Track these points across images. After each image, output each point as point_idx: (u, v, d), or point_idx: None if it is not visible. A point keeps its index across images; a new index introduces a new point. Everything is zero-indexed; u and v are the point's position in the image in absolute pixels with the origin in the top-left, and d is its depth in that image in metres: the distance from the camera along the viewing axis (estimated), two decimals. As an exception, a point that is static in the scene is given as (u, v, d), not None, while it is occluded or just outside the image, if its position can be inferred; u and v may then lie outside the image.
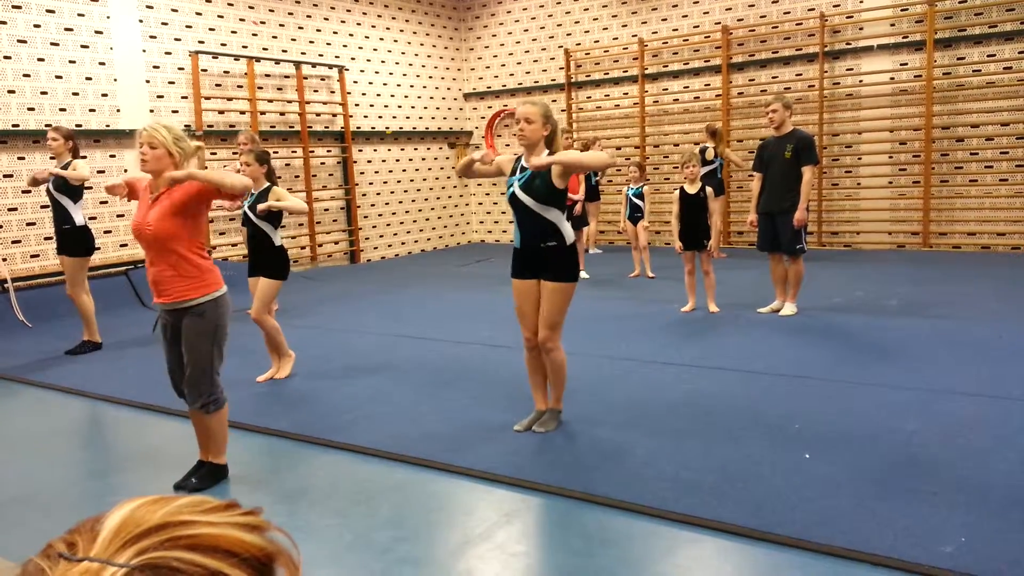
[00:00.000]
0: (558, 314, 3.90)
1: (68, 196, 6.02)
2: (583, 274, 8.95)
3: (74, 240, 6.06)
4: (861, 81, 10.11)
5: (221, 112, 9.61)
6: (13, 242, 7.81)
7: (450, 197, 13.18)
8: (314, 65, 10.64)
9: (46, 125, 8.13)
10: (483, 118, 13.15)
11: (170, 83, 9.07)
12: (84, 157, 6.29)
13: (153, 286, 3.39)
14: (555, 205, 3.79)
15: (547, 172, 3.73)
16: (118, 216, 8.55)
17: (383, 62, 11.77)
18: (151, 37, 8.86)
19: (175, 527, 0.52)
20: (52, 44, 8.00)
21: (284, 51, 10.31)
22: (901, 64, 9.86)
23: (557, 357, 4.00)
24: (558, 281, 3.84)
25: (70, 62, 8.15)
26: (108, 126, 8.42)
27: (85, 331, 6.24)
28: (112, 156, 8.48)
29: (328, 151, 11.02)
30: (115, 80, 8.53)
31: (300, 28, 10.52)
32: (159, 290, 3.38)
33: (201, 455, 3.66)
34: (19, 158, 7.84)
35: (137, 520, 0.53)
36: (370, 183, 11.61)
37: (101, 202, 8.50)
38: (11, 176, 7.79)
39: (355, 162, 11.31)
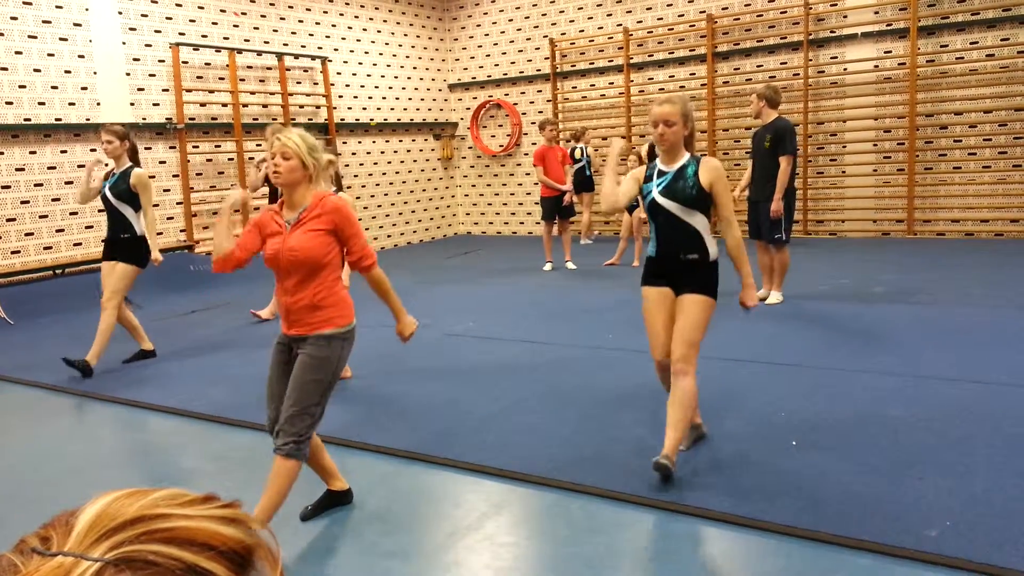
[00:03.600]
0: (697, 329, 3.38)
1: (129, 204, 5.54)
2: (569, 265, 8.97)
3: (133, 249, 5.60)
4: (845, 69, 10.13)
5: (203, 105, 9.52)
6: (-7, 238, 7.72)
7: (435, 189, 13.14)
8: (296, 56, 10.56)
9: (56, 119, 8.06)
10: (468, 109, 13.10)
11: (151, 75, 8.97)
12: (142, 150, 5.74)
13: (285, 315, 2.98)
14: (702, 210, 3.39)
15: (695, 174, 3.37)
16: (99, 211, 8.45)
17: (366, 53, 11.69)
18: (131, 29, 8.76)
19: (151, 520, 0.51)
20: (30, 37, 7.89)
21: (266, 42, 10.22)
22: (885, 52, 9.90)
23: (687, 385, 3.36)
24: (701, 293, 3.40)
25: (48, 55, 8.04)
26: (88, 120, 8.32)
27: (139, 341, 5.82)
28: (92, 150, 8.38)
29: (312, 143, 10.92)
30: (95, 73, 8.43)
31: (282, 19, 10.43)
32: (291, 320, 2.96)
33: (329, 485, 3.26)
34: (-2, 152, 7.74)
35: (112, 513, 0.51)
36: (355, 175, 11.55)
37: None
38: (-10, 171, 7.69)
39: (339, 154, 11.23)
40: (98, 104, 8.43)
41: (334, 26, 11.15)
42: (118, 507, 0.52)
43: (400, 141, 12.37)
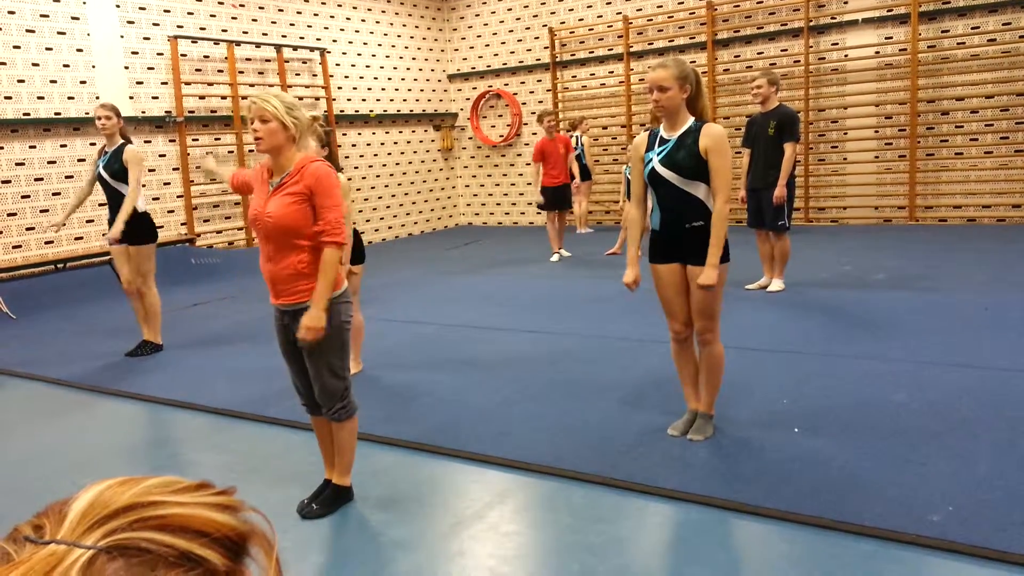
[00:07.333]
0: (713, 300, 3.42)
1: (125, 182, 5.41)
2: (564, 252, 8.97)
3: (138, 227, 5.46)
4: (846, 55, 10.08)
5: (202, 97, 9.50)
6: (-6, 233, 7.73)
7: (436, 180, 13.11)
8: (295, 48, 10.53)
9: (55, 113, 8.05)
10: (468, 99, 13.06)
11: (149, 69, 8.95)
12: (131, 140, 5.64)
13: (271, 284, 2.95)
14: (703, 180, 3.34)
15: (695, 143, 3.31)
16: (100, 205, 8.45)
17: (365, 44, 11.65)
18: (129, 22, 8.73)
19: (144, 507, 0.51)
20: (28, 31, 7.87)
21: (264, 34, 10.19)
22: (886, 38, 9.84)
23: (715, 351, 3.52)
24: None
25: (47, 49, 8.02)
26: (87, 113, 8.30)
27: (146, 331, 5.71)
28: (92, 144, 8.37)
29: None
30: (93, 67, 8.41)
31: (280, 11, 10.39)
32: (277, 290, 2.92)
33: (327, 473, 3.23)
34: (-2, 147, 7.74)
35: (105, 501, 0.51)
36: (355, 167, 11.52)
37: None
38: (-10, 166, 7.68)
39: (339, 146, 11.22)
40: (97, 98, 8.41)
41: (332, 17, 11.11)
42: (111, 495, 0.52)
43: (400, 132, 12.35)
